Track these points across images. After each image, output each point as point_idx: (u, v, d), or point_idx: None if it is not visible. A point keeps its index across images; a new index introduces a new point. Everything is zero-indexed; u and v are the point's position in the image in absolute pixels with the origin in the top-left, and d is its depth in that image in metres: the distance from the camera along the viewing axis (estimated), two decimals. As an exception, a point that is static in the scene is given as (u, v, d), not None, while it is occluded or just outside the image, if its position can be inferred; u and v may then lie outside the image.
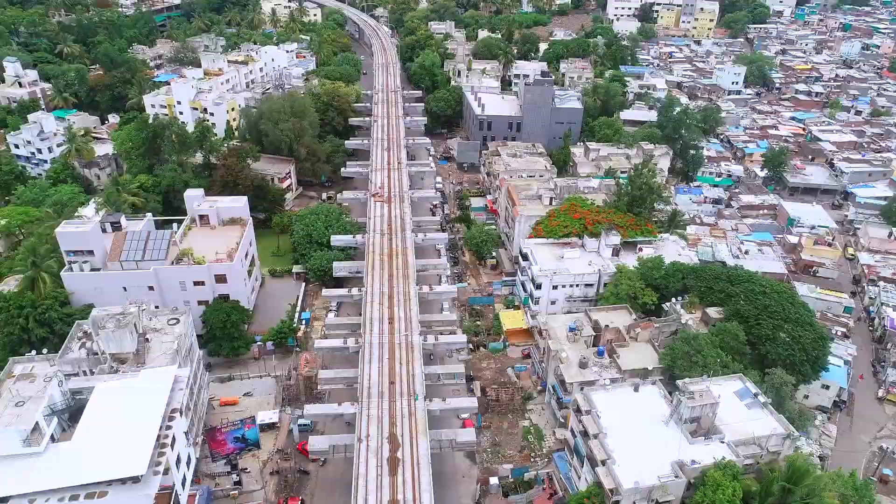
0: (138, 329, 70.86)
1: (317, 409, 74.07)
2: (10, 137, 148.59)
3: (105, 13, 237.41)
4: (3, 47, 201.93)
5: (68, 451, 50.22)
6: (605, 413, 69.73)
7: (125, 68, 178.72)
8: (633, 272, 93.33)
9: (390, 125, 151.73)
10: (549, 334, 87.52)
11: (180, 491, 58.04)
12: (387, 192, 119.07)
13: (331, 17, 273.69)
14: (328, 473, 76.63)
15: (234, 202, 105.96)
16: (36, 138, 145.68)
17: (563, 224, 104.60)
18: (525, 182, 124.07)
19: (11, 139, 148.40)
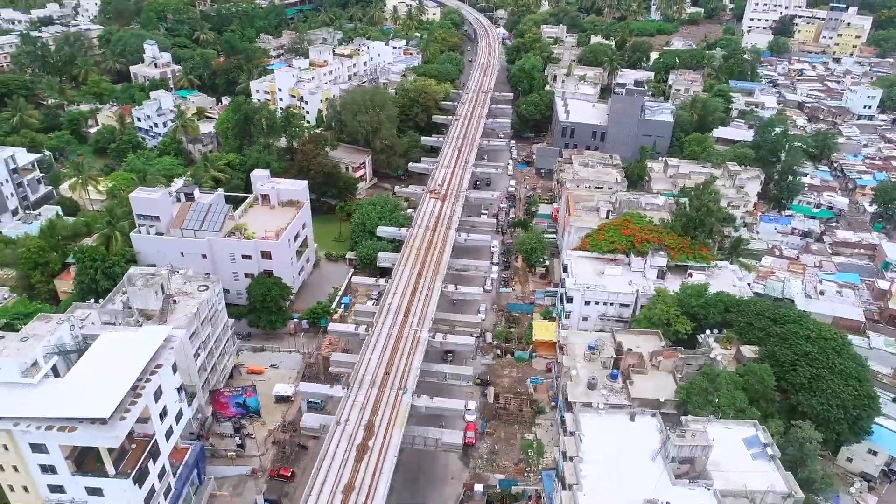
0: (165, 290, 77.35)
1: (309, 387, 77.13)
2: (135, 111, 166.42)
3: (241, 4, 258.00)
4: (151, 31, 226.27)
5: (58, 387, 56.44)
6: (592, 438, 66.44)
7: (243, 56, 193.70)
8: (671, 297, 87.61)
9: (470, 125, 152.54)
10: (567, 349, 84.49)
11: (161, 440, 63.04)
12: (445, 190, 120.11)
13: (448, 16, 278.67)
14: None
15: (294, 185, 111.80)
16: (154, 113, 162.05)
17: (610, 239, 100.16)
18: (589, 193, 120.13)
19: (136, 112, 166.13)
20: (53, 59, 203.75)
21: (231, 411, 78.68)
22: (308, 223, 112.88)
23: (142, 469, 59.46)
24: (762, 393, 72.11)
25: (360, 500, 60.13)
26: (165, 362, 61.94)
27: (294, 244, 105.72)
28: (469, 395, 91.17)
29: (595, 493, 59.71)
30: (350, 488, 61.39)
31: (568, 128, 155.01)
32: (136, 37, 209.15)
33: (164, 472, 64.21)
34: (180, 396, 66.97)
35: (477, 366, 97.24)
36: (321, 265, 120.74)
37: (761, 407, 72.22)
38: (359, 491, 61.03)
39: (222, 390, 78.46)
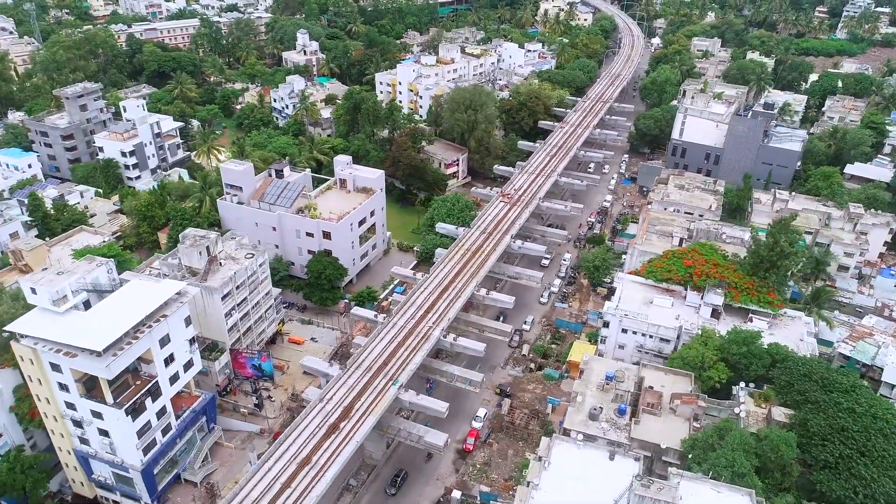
0: (210, 252, 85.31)
1: (311, 362, 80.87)
2: (273, 93, 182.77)
3: (397, 1, 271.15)
4: (311, 21, 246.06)
5: (79, 318, 65.15)
6: (559, 468, 63.05)
7: (379, 49, 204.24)
8: (714, 339, 79.49)
9: (573, 134, 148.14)
10: (584, 374, 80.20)
11: (164, 383, 70.12)
12: (518, 196, 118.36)
13: (600, 22, 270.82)
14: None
15: (370, 173, 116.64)
16: (287, 96, 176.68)
17: (668, 267, 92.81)
18: (671, 216, 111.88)
19: (273, 94, 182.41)
20: (224, 42, 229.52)
21: (247, 372, 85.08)
22: (379, 211, 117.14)
23: (137, 404, 66.81)
24: (777, 462, 63.46)
25: (310, 474, 62.54)
26: (174, 314, 68.69)
27: (357, 229, 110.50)
28: (484, 403, 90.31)
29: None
30: (306, 462, 64.05)
31: (679, 147, 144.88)
32: (293, 25, 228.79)
33: (165, 412, 71.41)
34: (191, 348, 73.84)
35: (504, 375, 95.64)
36: (391, 253, 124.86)
37: (774, 478, 63.74)
38: (312, 466, 63.47)
39: (241, 350, 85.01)
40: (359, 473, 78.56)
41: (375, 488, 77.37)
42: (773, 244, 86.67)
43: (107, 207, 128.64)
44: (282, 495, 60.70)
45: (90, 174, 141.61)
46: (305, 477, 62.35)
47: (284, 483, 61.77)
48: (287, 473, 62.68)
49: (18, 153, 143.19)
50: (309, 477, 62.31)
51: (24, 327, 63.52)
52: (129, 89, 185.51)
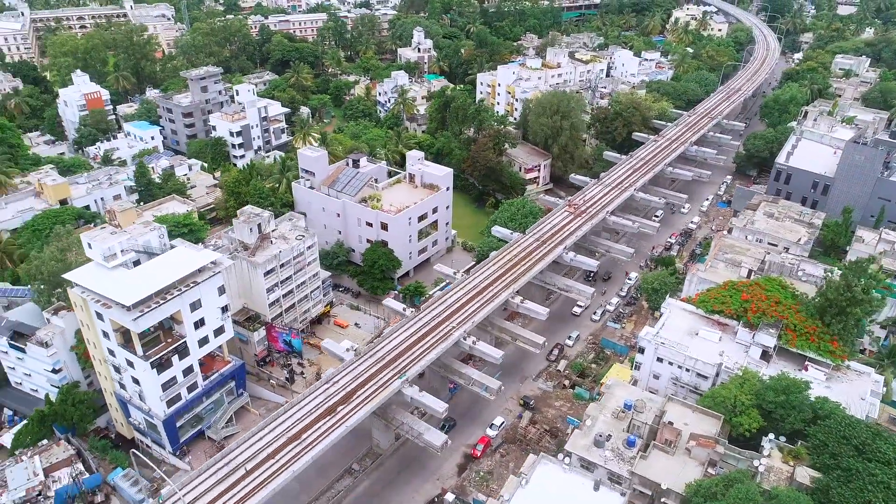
0: (261, 230, 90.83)
1: (329, 345, 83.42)
2: (378, 86, 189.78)
3: (521, 3, 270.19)
4: (432, 20, 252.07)
5: (123, 275, 72.10)
6: (537, 489, 61.02)
7: (488, 49, 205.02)
8: (752, 382, 72.49)
9: (666, 149, 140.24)
10: (603, 398, 76.41)
11: (192, 344, 75.85)
12: (584, 207, 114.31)
13: (735, 33, 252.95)
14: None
15: (438, 171, 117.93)
16: (390, 90, 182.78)
17: (723, 299, 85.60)
18: (746, 245, 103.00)
19: (379, 87, 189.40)
20: (347, 36, 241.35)
21: (279, 346, 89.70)
22: (444, 209, 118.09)
23: (163, 360, 72.96)
24: (781, 527, 57.00)
25: (294, 451, 65.07)
26: (206, 281, 74.04)
27: (416, 223, 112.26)
28: (506, 412, 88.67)
29: (494, 541, 55.36)
30: (295, 437, 66.66)
31: (783, 172, 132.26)
32: (413, 23, 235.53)
33: (192, 371, 77.31)
34: (223, 315, 79.17)
35: (534, 388, 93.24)
36: (454, 251, 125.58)
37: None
38: (300, 442, 65.99)
39: (273, 325, 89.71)
40: (364, 460, 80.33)
41: (377, 476, 78.76)
42: (845, 287, 77.12)
43: (207, 181, 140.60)
44: (264, 465, 63.71)
45: (202, 150, 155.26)
46: (290, 451, 64.94)
47: (269, 454, 64.76)
48: (274, 446, 65.63)
49: (146, 126, 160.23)
50: (293, 452, 64.86)
51: (77, 276, 71.53)
52: (253, 75, 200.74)
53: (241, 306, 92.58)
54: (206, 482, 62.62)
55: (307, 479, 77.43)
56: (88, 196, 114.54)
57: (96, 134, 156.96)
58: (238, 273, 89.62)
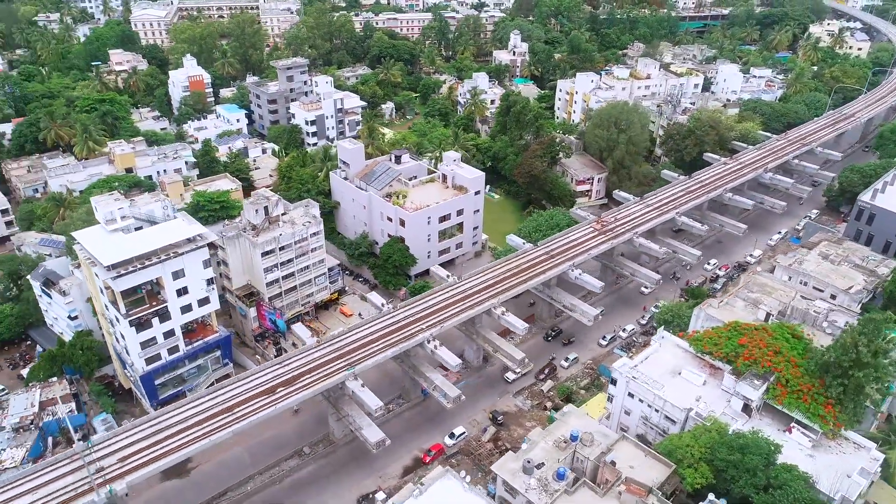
0: (267, 212, 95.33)
1: (298, 329, 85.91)
2: (460, 87, 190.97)
3: (631, 11, 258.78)
4: (538, 25, 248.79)
5: (117, 238, 78.67)
6: (430, 502, 59.19)
7: (579, 56, 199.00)
8: (712, 435, 65.44)
9: (733, 174, 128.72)
10: (552, 424, 72.51)
11: (174, 310, 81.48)
12: (612, 226, 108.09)
13: (876, 53, 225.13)
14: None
15: (470, 173, 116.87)
16: (467, 92, 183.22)
17: (716, 340, 77.62)
18: (778, 287, 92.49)
19: (460, 88, 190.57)
20: (450, 36, 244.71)
21: (266, 323, 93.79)
22: (471, 212, 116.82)
23: (142, 320, 79.30)
24: None
25: (224, 420, 68.15)
26: (189, 253, 79.34)
27: (436, 223, 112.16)
28: (473, 423, 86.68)
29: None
30: (228, 410, 69.78)
31: (866, 211, 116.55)
32: (515, 26, 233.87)
33: (173, 335, 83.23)
34: (208, 287, 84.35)
35: (511, 404, 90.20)
36: (484, 255, 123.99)
37: None
38: (232, 414, 69.01)
39: (262, 303, 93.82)
40: (317, 445, 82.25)
41: (325, 463, 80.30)
42: (851, 346, 67.01)
43: (272, 164, 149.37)
44: (196, 427, 67.53)
45: (280, 135, 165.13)
46: (221, 421, 68.19)
47: (202, 419, 68.45)
48: (208, 413, 69.20)
49: (234, 109, 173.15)
50: (223, 422, 68.06)
51: (80, 235, 79.71)
52: (347, 69, 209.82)
53: (245, 282, 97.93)
54: (141, 433, 67.49)
55: (260, 454, 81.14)
56: (152, 167, 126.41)
57: (193, 113, 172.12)
58: (242, 251, 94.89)
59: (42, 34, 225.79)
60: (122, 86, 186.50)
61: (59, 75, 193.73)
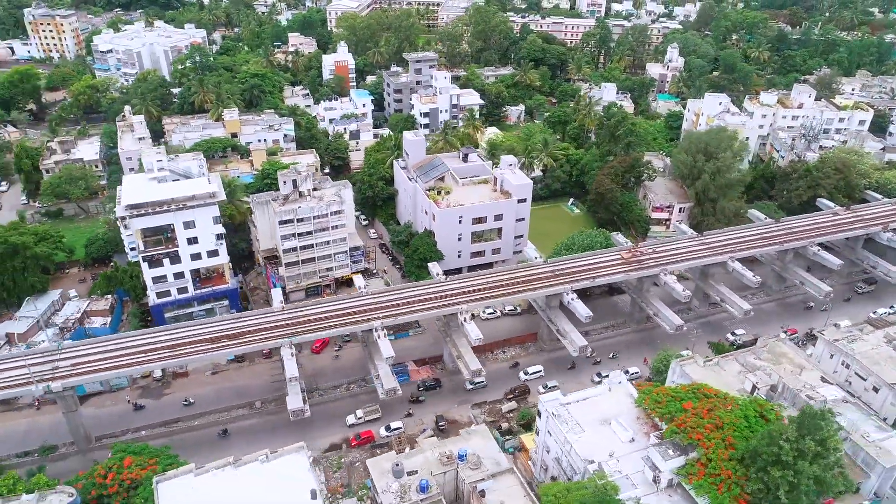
0: (297, 185, 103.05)
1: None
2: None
3: (831, 32, 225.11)
4: (710, 41, 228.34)
5: (150, 185, 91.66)
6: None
7: (733, 76, 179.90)
8: (583, 492, 58.83)
9: (837, 226, 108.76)
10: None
11: (184, 255, 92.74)
12: (643, 259, 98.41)
13: None
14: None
15: (517, 180, 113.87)
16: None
17: (659, 398, 68.29)
18: (805, 361, 77.77)
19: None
20: (612, 44, 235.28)
21: (270, 283, 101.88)
22: (511, 218, 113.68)
23: (155, 259, 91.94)
24: None
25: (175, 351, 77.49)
26: (200, 207, 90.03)
27: (469, 224, 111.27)
28: (420, 424, 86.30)
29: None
30: (172, 346, 78.59)
31: None
32: (679, 39, 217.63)
33: (182, 276, 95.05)
34: (217, 242, 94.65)
35: (465, 415, 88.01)
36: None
37: None
38: (173, 349, 77.96)
39: (269, 265, 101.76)
40: (270, 402, 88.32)
41: (266, 420, 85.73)
42: (796, 438, 55.16)
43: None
44: (147, 353, 77.85)
45: (396, 123, 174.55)
46: (167, 353, 77.50)
47: (155, 348, 78.43)
48: (162, 343, 79.00)
49: (364, 94, 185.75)
50: (167, 354, 77.31)
51: (126, 179, 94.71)
52: (489, 68, 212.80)
53: (271, 246, 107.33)
54: (103, 347, 79.33)
55: (221, 398, 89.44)
56: (254, 135, 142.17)
57: (331, 94, 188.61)
58: (269, 217, 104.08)
59: (248, 15, 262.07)
60: (289, 65, 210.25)
61: (246, 52, 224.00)
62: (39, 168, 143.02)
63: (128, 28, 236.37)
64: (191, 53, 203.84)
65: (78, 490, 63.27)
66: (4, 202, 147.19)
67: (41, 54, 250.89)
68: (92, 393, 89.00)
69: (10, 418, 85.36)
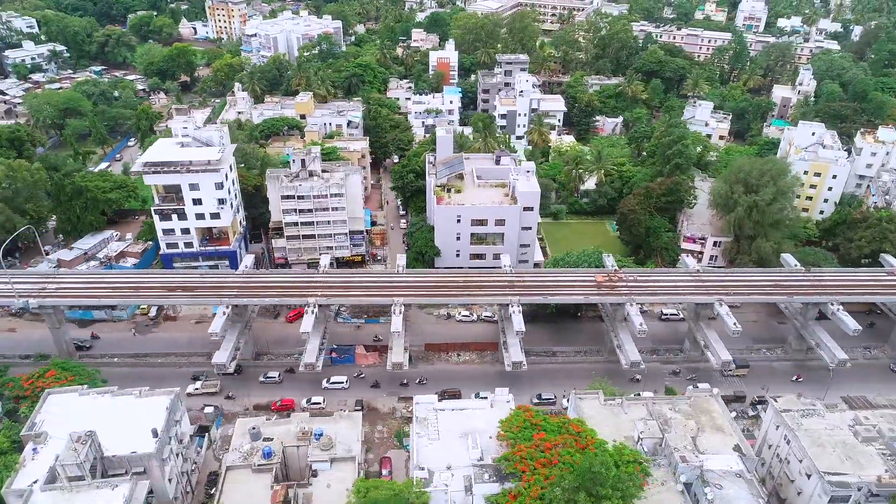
0: (304, 164, 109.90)
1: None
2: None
3: None
4: (862, 68, 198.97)
5: (171, 148, 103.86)
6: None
7: (866, 105, 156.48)
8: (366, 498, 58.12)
9: (870, 283, 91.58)
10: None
11: (189, 213, 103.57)
12: (617, 285, 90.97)
13: None
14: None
15: (528, 188, 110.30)
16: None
17: (516, 423, 64.29)
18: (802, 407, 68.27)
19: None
20: (748, 63, 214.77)
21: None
22: (515, 224, 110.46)
23: (163, 213, 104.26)
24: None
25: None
26: (203, 171, 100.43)
27: (467, 225, 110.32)
28: (343, 404, 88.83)
29: None
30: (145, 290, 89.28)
31: None
32: (817, 61, 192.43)
33: (188, 232, 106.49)
34: (219, 206, 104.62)
35: (387, 405, 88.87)
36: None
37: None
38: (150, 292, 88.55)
39: (269, 232, 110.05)
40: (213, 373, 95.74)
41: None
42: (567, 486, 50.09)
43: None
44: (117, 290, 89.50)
45: (477, 121, 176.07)
46: (136, 294, 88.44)
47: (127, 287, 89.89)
48: (135, 285, 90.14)
49: (454, 92, 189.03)
50: (135, 295, 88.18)
51: (157, 142, 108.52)
52: (596, 77, 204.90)
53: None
54: (88, 278, 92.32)
55: (192, 345, 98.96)
56: (322, 118, 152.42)
57: (427, 89, 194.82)
58: (279, 190, 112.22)
59: (389, 11, 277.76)
60: (403, 59, 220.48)
61: (374, 45, 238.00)
62: (154, 130, 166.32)
63: (282, 15, 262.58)
64: (319, 41, 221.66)
65: (8, 388, 75.57)
66: (128, 156, 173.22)
67: (214, 35, 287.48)
68: (98, 319, 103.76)
69: (33, 327, 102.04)
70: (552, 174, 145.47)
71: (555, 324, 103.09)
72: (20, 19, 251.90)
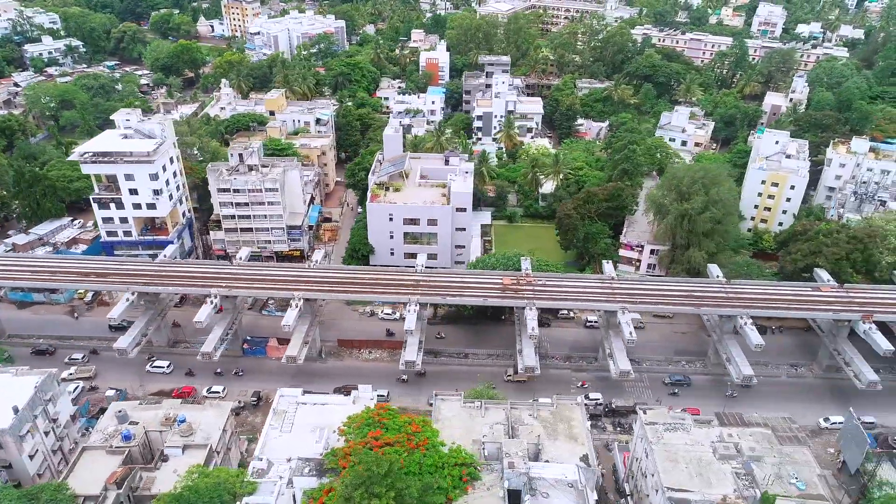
0: (241, 158, 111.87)
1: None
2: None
3: None
4: (864, 78, 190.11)
5: (113, 139, 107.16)
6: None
7: (851, 115, 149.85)
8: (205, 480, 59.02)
9: (819, 303, 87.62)
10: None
11: (126, 203, 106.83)
12: (523, 286, 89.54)
13: None
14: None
15: (460, 188, 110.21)
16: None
17: (359, 420, 64.15)
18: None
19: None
20: (751, 64, 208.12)
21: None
22: (447, 225, 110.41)
23: (101, 201, 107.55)
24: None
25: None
26: (138, 163, 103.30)
27: (400, 224, 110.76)
28: (243, 393, 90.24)
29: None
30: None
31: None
32: (822, 71, 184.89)
33: (126, 222, 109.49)
34: (155, 197, 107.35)
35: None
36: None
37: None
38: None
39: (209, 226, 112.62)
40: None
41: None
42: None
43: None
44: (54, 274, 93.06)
45: (454, 123, 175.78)
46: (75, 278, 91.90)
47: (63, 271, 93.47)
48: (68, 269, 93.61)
49: (437, 92, 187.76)
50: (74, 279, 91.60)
51: (105, 132, 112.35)
52: (586, 80, 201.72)
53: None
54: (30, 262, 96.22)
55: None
56: (290, 115, 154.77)
57: (413, 89, 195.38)
58: (215, 182, 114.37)
59: (395, 11, 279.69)
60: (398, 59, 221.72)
61: (370, 45, 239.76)
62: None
63: (290, 14, 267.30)
64: (317, 41, 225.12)
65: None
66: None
67: (229, 33, 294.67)
68: (37, 301, 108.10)
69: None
70: (514, 177, 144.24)
71: (473, 326, 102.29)
72: (44, 15, 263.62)
